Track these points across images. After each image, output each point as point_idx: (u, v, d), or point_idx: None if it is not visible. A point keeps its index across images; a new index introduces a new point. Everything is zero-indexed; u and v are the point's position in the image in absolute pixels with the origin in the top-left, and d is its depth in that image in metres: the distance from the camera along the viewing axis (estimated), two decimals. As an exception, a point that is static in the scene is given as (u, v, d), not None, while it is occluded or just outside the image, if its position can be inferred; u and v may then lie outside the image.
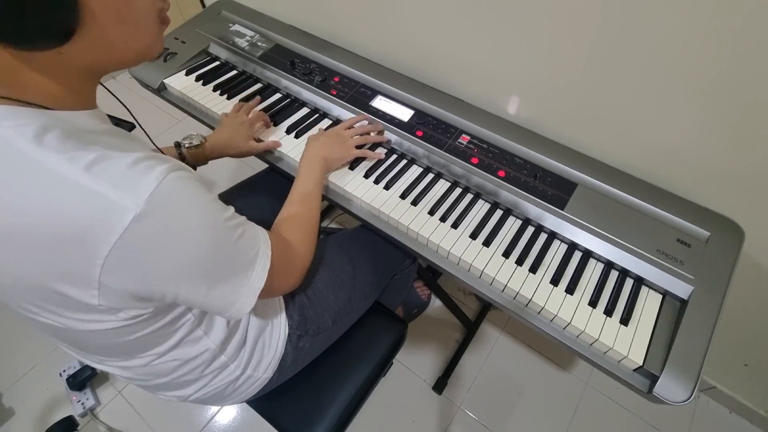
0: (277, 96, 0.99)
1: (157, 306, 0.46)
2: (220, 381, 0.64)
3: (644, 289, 0.69)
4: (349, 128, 0.85)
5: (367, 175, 0.83)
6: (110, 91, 0.60)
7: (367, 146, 0.86)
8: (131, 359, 0.53)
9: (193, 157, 0.81)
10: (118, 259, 0.37)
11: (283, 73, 0.99)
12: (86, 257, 0.36)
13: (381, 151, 0.87)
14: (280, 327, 0.70)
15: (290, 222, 0.68)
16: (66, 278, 0.38)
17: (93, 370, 1.25)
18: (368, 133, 0.87)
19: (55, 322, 0.43)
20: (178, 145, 0.81)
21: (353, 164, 0.85)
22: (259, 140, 0.87)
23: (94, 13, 0.37)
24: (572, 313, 0.65)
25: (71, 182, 0.35)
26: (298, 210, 0.70)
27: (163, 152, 0.72)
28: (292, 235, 0.64)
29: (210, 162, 0.85)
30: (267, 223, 0.95)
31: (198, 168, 0.82)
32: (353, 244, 0.86)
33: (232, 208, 0.50)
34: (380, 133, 0.88)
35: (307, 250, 0.67)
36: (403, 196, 0.80)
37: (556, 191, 0.77)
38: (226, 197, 0.95)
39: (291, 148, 0.87)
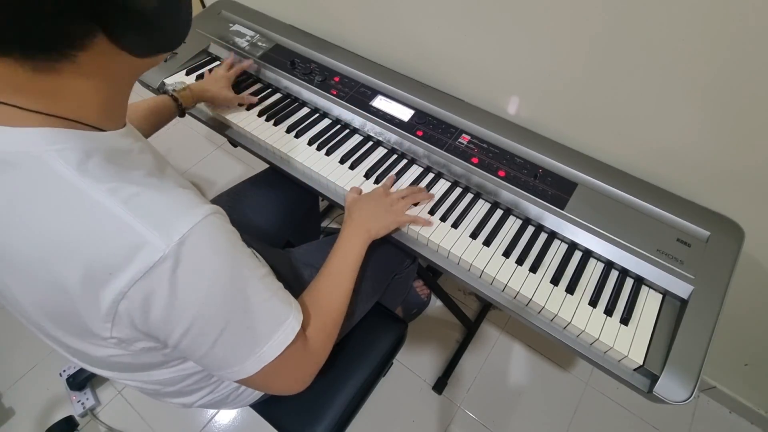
0: (277, 96, 1.00)
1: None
2: (225, 388, 0.64)
3: (644, 289, 0.69)
4: (391, 186, 0.80)
5: (367, 176, 0.83)
6: None
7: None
8: (139, 374, 0.52)
9: (182, 99, 0.85)
10: (136, 295, 0.37)
11: (283, 73, 0.99)
12: (109, 289, 0.36)
13: (426, 215, 0.77)
14: None
15: (315, 308, 0.58)
16: (88, 307, 0.38)
17: (93, 370, 1.25)
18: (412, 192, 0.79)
19: (74, 345, 0.44)
20: (165, 92, 0.85)
21: (354, 164, 0.85)
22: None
23: None
24: (572, 312, 0.65)
25: (109, 214, 0.36)
26: (328, 294, 0.62)
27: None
28: (312, 326, 0.55)
29: (211, 162, 0.85)
30: (269, 223, 0.96)
31: (198, 171, 0.82)
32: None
33: (267, 268, 0.47)
34: (421, 190, 0.80)
35: (324, 347, 0.57)
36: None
37: (556, 191, 0.77)
38: (227, 197, 0.95)
39: (291, 149, 0.87)
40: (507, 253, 0.72)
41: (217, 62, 1.06)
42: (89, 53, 0.36)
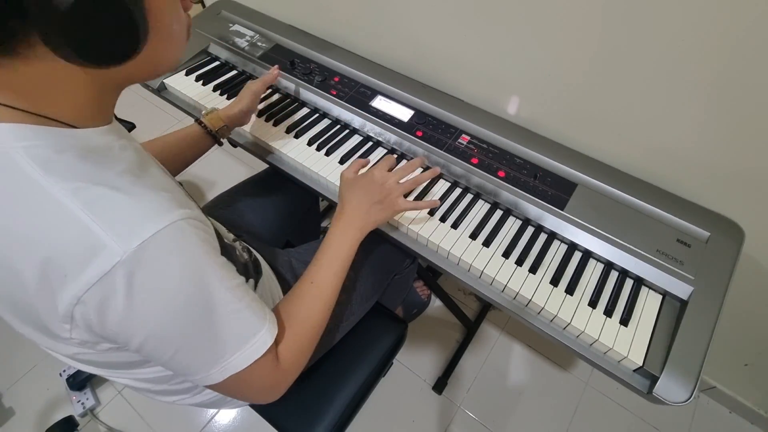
0: (277, 96, 0.99)
1: None
2: None
3: (644, 290, 0.69)
4: (390, 169, 0.71)
5: (367, 175, 0.83)
6: None
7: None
8: (127, 371, 0.52)
9: (212, 124, 0.80)
10: (91, 300, 0.36)
11: (283, 73, 0.99)
12: (65, 291, 0.36)
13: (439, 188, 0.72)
14: None
15: (291, 316, 0.55)
16: (46, 306, 0.37)
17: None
18: (415, 169, 0.73)
19: (47, 344, 0.43)
20: (197, 119, 0.80)
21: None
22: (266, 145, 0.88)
23: (154, 31, 0.38)
24: (572, 313, 0.65)
25: (69, 215, 0.35)
26: (307, 301, 0.58)
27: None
28: (288, 336, 0.53)
29: (211, 162, 0.85)
30: (269, 223, 0.96)
31: (198, 171, 0.81)
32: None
33: (241, 279, 0.46)
34: (426, 167, 0.75)
35: (299, 360, 0.55)
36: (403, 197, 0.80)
37: (556, 191, 0.77)
38: (227, 197, 0.95)
39: (290, 149, 0.87)
40: (507, 254, 0.72)
41: (216, 62, 1.06)
42: (32, 56, 0.34)
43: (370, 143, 0.89)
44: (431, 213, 0.78)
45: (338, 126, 0.93)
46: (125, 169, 0.40)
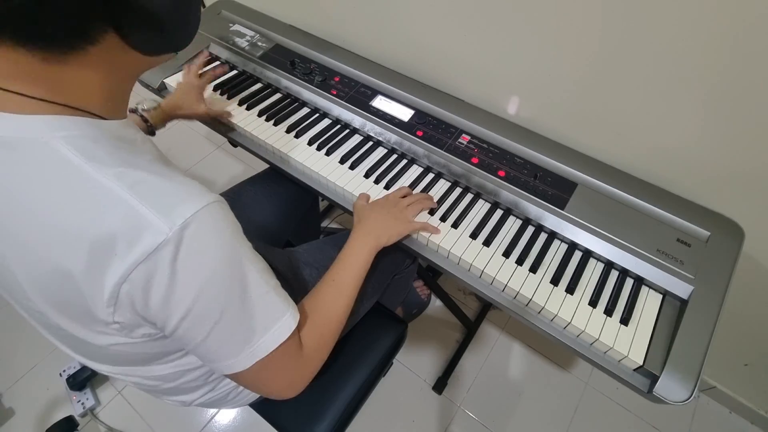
0: (278, 96, 0.99)
1: None
2: (225, 386, 0.64)
3: (644, 289, 0.69)
4: (404, 196, 0.77)
5: (367, 175, 0.83)
6: None
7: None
8: (139, 368, 0.52)
9: (152, 119, 0.83)
10: (138, 278, 0.37)
11: (283, 73, 0.99)
12: (113, 270, 0.37)
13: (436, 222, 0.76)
14: None
15: (314, 315, 0.57)
16: (93, 288, 0.38)
17: (93, 370, 1.25)
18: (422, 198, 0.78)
19: (76, 332, 0.44)
20: (133, 111, 0.83)
21: (354, 164, 0.85)
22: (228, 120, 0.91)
23: None
24: (572, 312, 0.65)
25: (116, 197, 0.36)
26: (329, 301, 0.61)
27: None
28: (310, 333, 0.54)
29: (211, 162, 0.85)
30: (269, 223, 0.96)
31: (198, 171, 0.82)
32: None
33: (265, 263, 0.47)
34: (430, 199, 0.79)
35: (319, 356, 0.56)
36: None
37: (556, 191, 0.77)
38: (227, 197, 0.95)
39: (291, 149, 0.87)
40: (507, 253, 0.72)
41: (217, 62, 1.06)
42: (98, 48, 0.38)
43: (371, 143, 0.89)
44: (431, 213, 0.78)
45: (338, 126, 0.93)
46: (154, 158, 0.42)
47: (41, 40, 0.35)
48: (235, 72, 1.05)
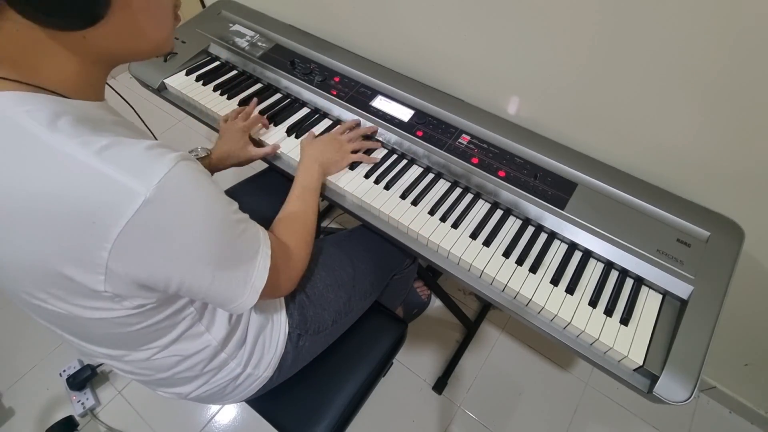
0: (278, 96, 0.99)
1: (161, 297, 0.46)
2: (221, 379, 0.64)
3: (644, 289, 0.69)
4: (343, 132, 0.86)
5: (367, 175, 0.83)
6: (115, 90, 0.60)
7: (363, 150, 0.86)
8: (133, 352, 0.53)
9: None
10: (126, 243, 0.37)
11: (283, 73, 0.99)
12: (95, 240, 0.37)
13: (377, 154, 0.87)
14: (280, 325, 0.70)
15: (288, 224, 0.68)
16: (74, 262, 0.38)
17: (93, 370, 1.25)
18: (364, 136, 0.87)
19: (61, 309, 0.43)
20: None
21: (353, 164, 0.85)
22: (260, 143, 0.88)
23: None
24: (572, 312, 0.65)
25: (84, 165, 0.36)
26: (296, 212, 0.71)
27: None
28: (290, 237, 0.65)
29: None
30: (267, 222, 0.96)
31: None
32: (353, 244, 0.86)
33: (236, 204, 0.50)
34: (373, 134, 0.89)
35: (303, 252, 0.67)
36: (403, 196, 0.80)
37: (556, 191, 0.77)
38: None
39: (291, 148, 0.87)
40: (507, 254, 0.72)
41: (217, 62, 1.06)
42: (3, 19, 0.36)
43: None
44: (432, 213, 0.78)
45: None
46: (123, 131, 0.43)
47: None
48: (235, 72, 1.05)
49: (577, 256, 0.73)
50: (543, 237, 0.75)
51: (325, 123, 0.93)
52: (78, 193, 0.36)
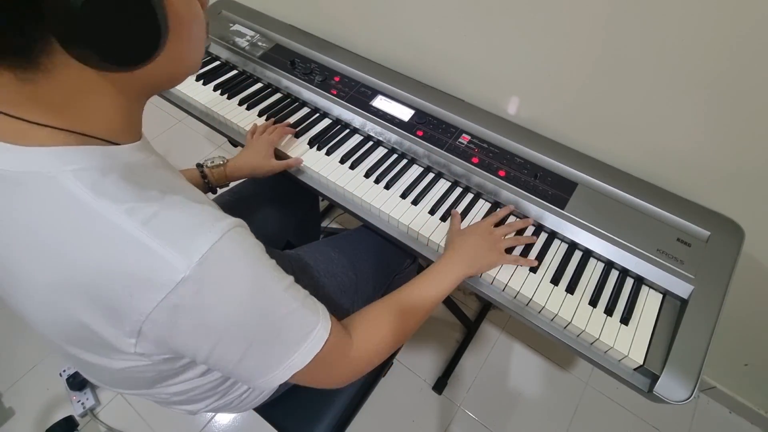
0: (278, 96, 1.00)
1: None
2: (232, 395, 0.64)
3: (644, 289, 0.69)
4: (497, 224, 0.75)
5: (367, 175, 0.83)
6: None
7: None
8: (150, 390, 0.52)
9: (214, 177, 0.80)
10: (160, 316, 0.36)
11: (284, 72, 0.99)
12: (131, 312, 0.36)
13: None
14: None
15: (378, 322, 0.57)
16: (110, 326, 0.38)
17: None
18: (519, 230, 0.76)
19: (92, 360, 0.43)
20: (199, 165, 0.80)
21: (354, 164, 0.85)
22: (284, 155, 0.87)
23: (174, 30, 0.37)
24: (572, 312, 0.65)
25: (129, 237, 0.35)
26: (400, 316, 0.59)
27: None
28: (367, 336, 0.55)
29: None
30: (269, 223, 0.96)
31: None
32: (354, 245, 0.86)
33: (291, 278, 0.47)
34: (528, 226, 0.77)
35: (373, 354, 0.56)
36: (403, 196, 0.80)
37: (557, 191, 0.77)
38: (228, 197, 0.95)
39: (292, 148, 0.87)
40: (507, 253, 0.72)
41: (217, 62, 1.06)
42: (53, 63, 0.34)
43: (371, 143, 0.89)
44: (432, 212, 0.78)
45: (339, 126, 0.93)
46: (166, 187, 0.40)
47: None
48: (235, 72, 1.05)
49: (578, 255, 0.73)
50: (543, 236, 0.75)
51: (325, 122, 0.93)
52: (121, 264, 0.35)
